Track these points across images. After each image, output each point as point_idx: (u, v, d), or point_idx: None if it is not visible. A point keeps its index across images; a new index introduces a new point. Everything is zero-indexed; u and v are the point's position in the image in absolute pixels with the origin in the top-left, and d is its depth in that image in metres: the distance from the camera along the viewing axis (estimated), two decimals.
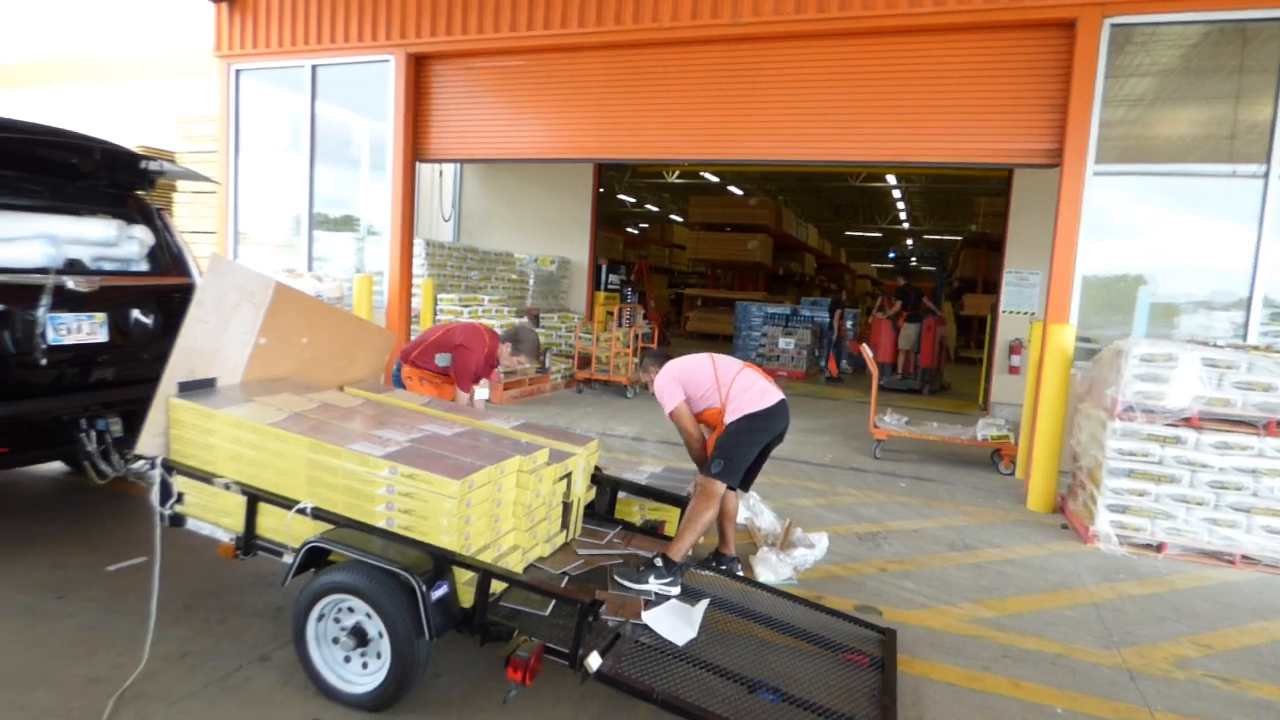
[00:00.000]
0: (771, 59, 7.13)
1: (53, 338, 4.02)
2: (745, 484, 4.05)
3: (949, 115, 6.48)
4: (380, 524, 2.84)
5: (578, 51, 7.93)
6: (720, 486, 3.69)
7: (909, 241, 27.56)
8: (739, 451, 3.77)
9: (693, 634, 3.09)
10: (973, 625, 3.74)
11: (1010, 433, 6.82)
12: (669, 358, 4.16)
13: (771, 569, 4.15)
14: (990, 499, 6.00)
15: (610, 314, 10.35)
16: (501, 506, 3.05)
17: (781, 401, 3.93)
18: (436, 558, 2.72)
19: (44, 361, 4.00)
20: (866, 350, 7.17)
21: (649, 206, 25.64)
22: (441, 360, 4.80)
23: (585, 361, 10.26)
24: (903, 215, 23.99)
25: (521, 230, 12.69)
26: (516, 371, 9.28)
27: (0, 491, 4.87)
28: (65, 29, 13.78)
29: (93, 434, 4.12)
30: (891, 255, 15.37)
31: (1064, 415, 5.63)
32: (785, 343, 13.35)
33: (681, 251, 25.13)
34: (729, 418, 3.83)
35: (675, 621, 3.13)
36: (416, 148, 8.76)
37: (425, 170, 11.60)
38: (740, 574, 3.99)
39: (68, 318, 4.10)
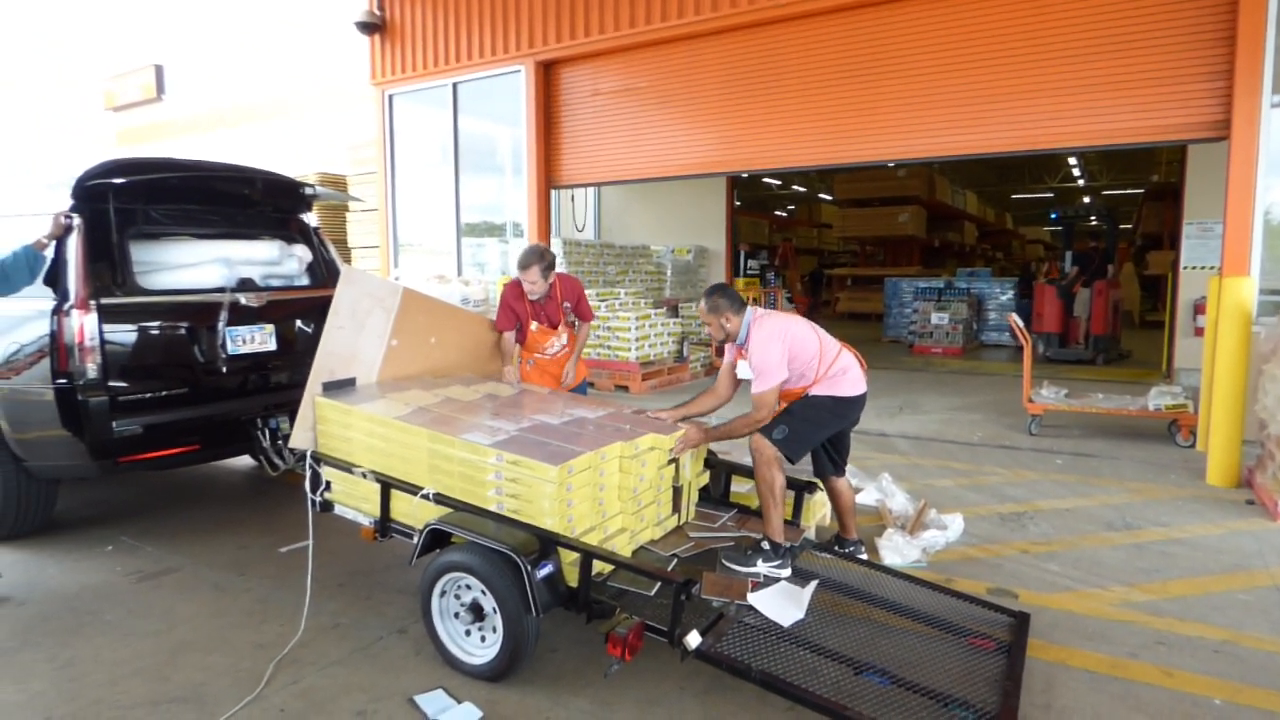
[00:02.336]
0: (889, 45, 6.84)
1: (231, 348, 4.59)
2: (839, 469, 3.90)
3: (1092, 93, 5.96)
4: (491, 507, 3.03)
5: (696, 41, 7.93)
6: (776, 451, 3.46)
7: (1086, 199, 25.19)
8: (809, 429, 3.56)
9: (800, 615, 3.06)
10: (1123, 610, 3.43)
11: (1189, 401, 6.12)
12: (743, 302, 3.67)
13: (897, 551, 4.01)
14: (1161, 474, 5.43)
15: (750, 300, 10.28)
16: (605, 490, 3.16)
17: (865, 394, 3.75)
18: (541, 539, 2.87)
19: (225, 369, 4.57)
20: (1015, 320, 6.67)
21: (796, 187, 25.09)
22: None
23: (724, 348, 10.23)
24: (1076, 171, 21.99)
25: (658, 223, 12.88)
26: (654, 363, 9.43)
27: (198, 483, 5.62)
28: (254, 76, 15.49)
29: (266, 431, 4.66)
30: (1055, 216, 14.08)
31: (1245, 378, 4.99)
32: (938, 318, 12.64)
33: (830, 231, 24.40)
34: (815, 390, 3.60)
35: (782, 602, 3.11)
36: (549, 177, 9.19)
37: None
38: (863, 557, 3.89)
39: (242, 330, 4.65)
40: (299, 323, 5.01)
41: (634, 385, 9.09)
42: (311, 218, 5.52)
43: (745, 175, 12.18)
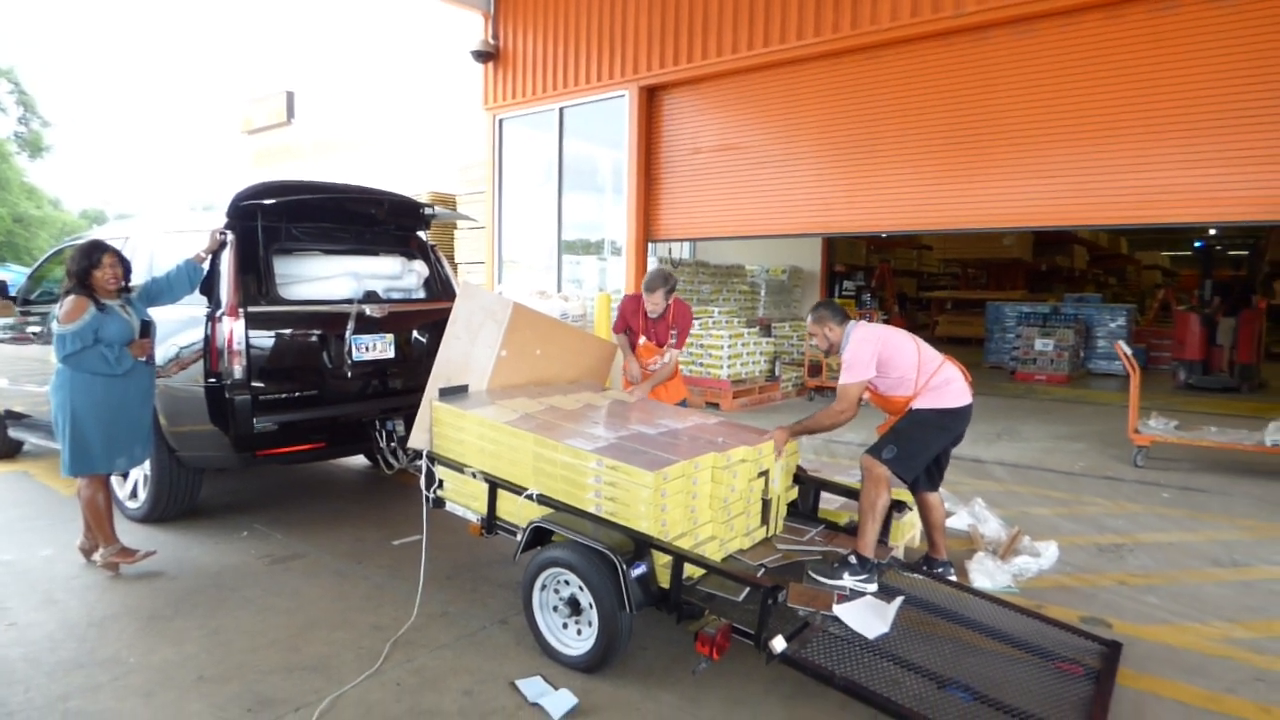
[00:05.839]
0: (992, 106, 7.02)
1: (356, 355, 4.99)
2: (934, 483, 3.93)
3: (1207, 167, 6.06)
4: (590, 509, 3.24)
5: (795, 68, 8.11)
6: (886, 471, 3.55)
7: (1211, 230, 23.63)
8: (917, 445, 3.63)
9: (885, 629, 3.13)
10: (1223, 645, 3.34)
11: None
12: (846, 315, 3.90)
13: (988, 575, 4.00)
14: (1277, 512, 5.16)
15: None
16: (697, 499, 3.33)
17: (971, 405, 3.77)
18: (636, 540, 3.06)
19: (350, 374, 4.98)
20: (1122, 347, 6.46)
21: None
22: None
23: (816, 369, 10.24)
24: None
25: (753, 242, 12.96)
26: (745, 381, 9.53)
27: (319, 479, 6.10)
28: (373, 101, 16.52)
29: (383, 433, 5.04)
30: (1200, 245, 13.52)
31: None
32: (1042, 344, 12.22)
33: (930, 252, 23.81)
34: (919, 404, 3.67)
35: (867, 615, 3.19)
36: (648, 230, 9.61)
37: None
38: (953, 578, 3.90)
39: (366, 338, 5.05)
40: (415, 333, 5.39)
41: (725, 403, 9.21)
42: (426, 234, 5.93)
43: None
